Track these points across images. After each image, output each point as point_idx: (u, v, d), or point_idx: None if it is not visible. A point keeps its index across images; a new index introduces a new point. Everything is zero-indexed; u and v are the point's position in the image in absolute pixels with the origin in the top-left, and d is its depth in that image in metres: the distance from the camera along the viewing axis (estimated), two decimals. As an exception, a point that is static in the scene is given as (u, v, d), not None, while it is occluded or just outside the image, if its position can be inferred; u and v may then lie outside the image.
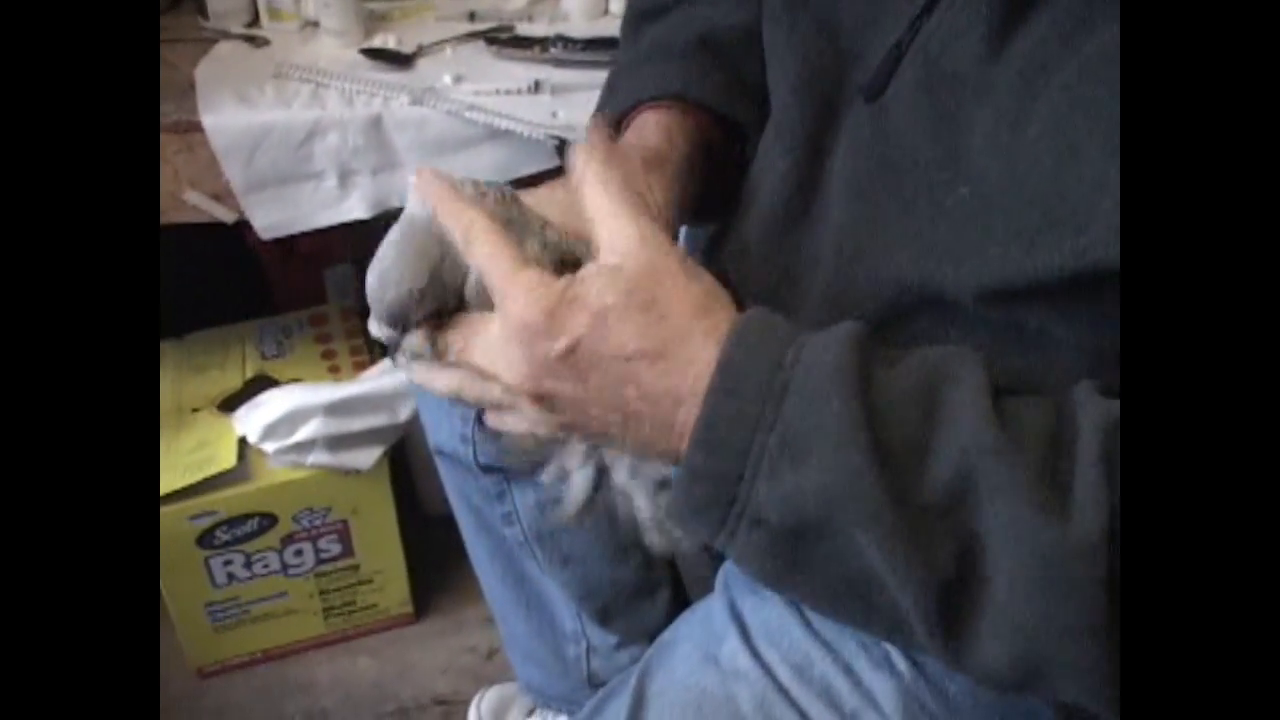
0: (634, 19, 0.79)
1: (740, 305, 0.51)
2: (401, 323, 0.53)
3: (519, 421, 0.55)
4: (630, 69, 0.75)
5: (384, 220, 1.06)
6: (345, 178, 1.05)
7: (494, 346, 0.52)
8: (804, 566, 0.47)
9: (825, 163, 0.62)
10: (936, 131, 0.54)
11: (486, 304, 0.52)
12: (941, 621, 0.45)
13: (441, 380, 0.55)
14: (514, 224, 0.53)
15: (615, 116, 0.72)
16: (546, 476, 0.62)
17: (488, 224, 0.52)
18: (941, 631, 0.45)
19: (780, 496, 0.45)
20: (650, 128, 0.69)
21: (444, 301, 0.54)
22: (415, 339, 0.54)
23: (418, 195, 0.54)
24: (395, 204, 1.07)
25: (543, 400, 0.51)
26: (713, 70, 0.72)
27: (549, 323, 0.48)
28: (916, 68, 0.56)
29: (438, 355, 0.54)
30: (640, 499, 0.59)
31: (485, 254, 0.51)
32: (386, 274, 0.52)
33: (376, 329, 0.55)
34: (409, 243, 0.53)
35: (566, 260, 0.54)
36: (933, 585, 0.44)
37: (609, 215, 0.51)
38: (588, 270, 0.50)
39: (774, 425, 0.45)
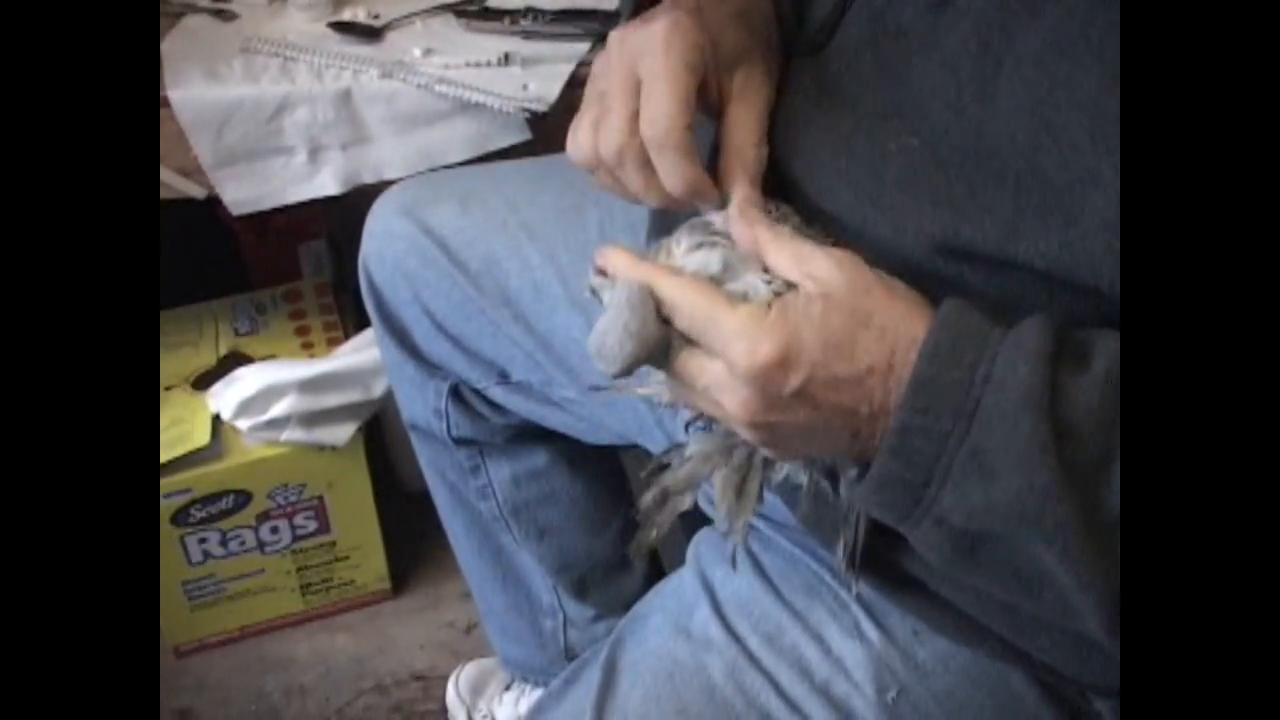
0: None
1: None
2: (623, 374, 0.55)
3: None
4: None
5: (358, 196, 1.06)
6: (316, 153, 1.04)
7: (721, 387, 0.52)
8: (981, 561, 0.49)
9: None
10: (878, 82, 0.54)
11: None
12: (1118, 624, 0.46)
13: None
14: (728, 263, 0.54)
15: None
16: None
17: (680, 281, 0.52)
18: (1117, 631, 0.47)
19: (966, 507, 0.47)
20: None
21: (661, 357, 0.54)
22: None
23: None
24: (366, 180, 1.06)
25: (768, 431, 0.52)
26: None
27: (782, 362, 0.49)
28: (861, 23, 0.56)
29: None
30: None
31: (690, 307, 0.51)
32: (605, 346, 0.53)
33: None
34: (630, 313, 0.53)
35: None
36: (1112, 595, 0.45)
37: (799, 257, 0.51)
38: (796, 300, 0.50)
39: (964, 440, 0.46)
